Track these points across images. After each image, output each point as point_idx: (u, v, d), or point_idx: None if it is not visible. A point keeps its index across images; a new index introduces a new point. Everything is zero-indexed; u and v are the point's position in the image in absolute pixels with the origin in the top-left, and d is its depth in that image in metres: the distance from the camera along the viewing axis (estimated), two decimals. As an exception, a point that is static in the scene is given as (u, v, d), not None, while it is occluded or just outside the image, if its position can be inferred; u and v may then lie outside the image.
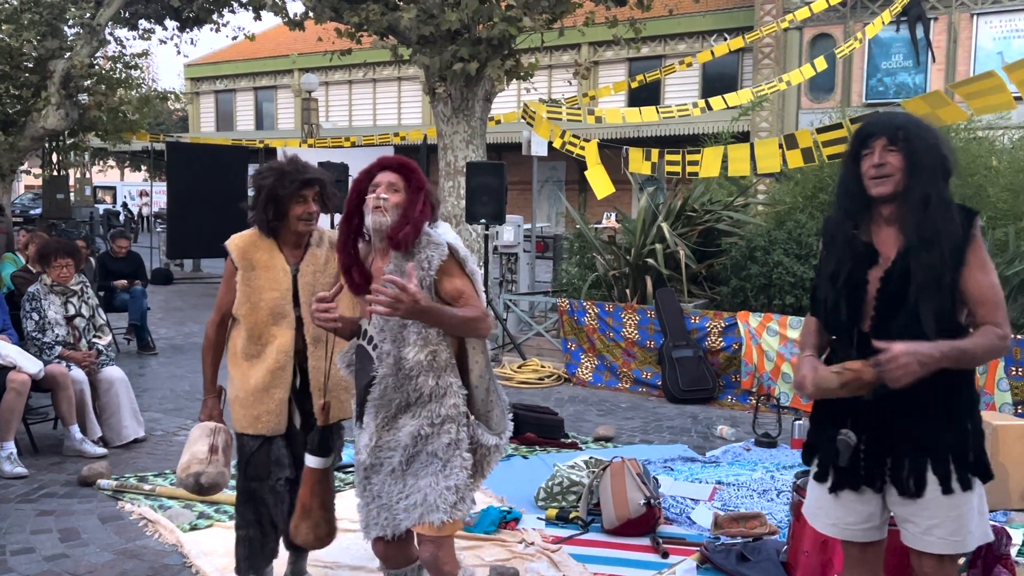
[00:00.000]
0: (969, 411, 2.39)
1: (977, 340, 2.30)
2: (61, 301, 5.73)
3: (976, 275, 2.31)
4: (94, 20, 15.30)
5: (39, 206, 23.07)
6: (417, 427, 2.59)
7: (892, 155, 2.33)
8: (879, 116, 2.44)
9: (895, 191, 2.34)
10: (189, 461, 3.05)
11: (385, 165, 2.67)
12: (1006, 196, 7.79)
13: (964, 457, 2.34)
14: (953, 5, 18.91)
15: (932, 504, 2.33)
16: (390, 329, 2.60)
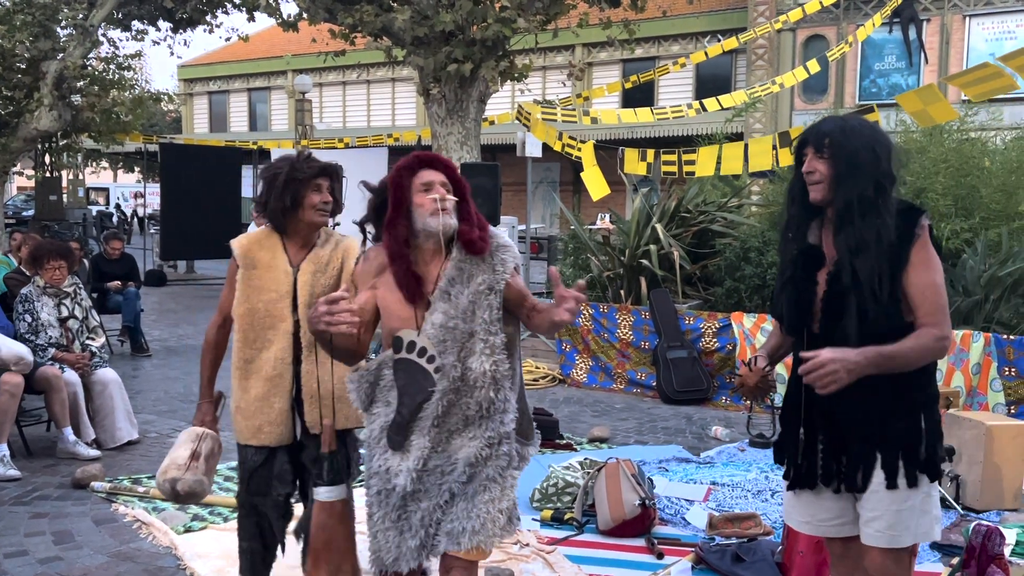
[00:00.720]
0: (924, 408, 2.39)
1: (909, 343, 2.29)
2: (54, 303, 5.71)
3: (916, 275, 2.30)
4: (87, 21, 15.27)
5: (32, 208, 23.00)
6: (476, 449, 2.38)
7: (820, 163, 2.37)
8: (815, 124, 2.46)
9: (824, 198, 2.37)
10: (167, 466, 2.94)
11: (427, 163, 2.46)
12: (999, 197, 7.81)
13: (914, 453, 2.35)
14: (945, 7, 18.98)
15: (874, 497, 2.36)
16: (454, 339, 2.37)
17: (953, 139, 8.33)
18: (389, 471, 2.44)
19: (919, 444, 2.36)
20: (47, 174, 18.96)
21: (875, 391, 2.33)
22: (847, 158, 2.33)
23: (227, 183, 16.13)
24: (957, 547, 3.90)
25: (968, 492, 4.70)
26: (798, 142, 2.45)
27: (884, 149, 2.36)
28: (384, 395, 2.47)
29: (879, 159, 2.34)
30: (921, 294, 2.30)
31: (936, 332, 2.30)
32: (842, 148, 2.34)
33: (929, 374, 2.43)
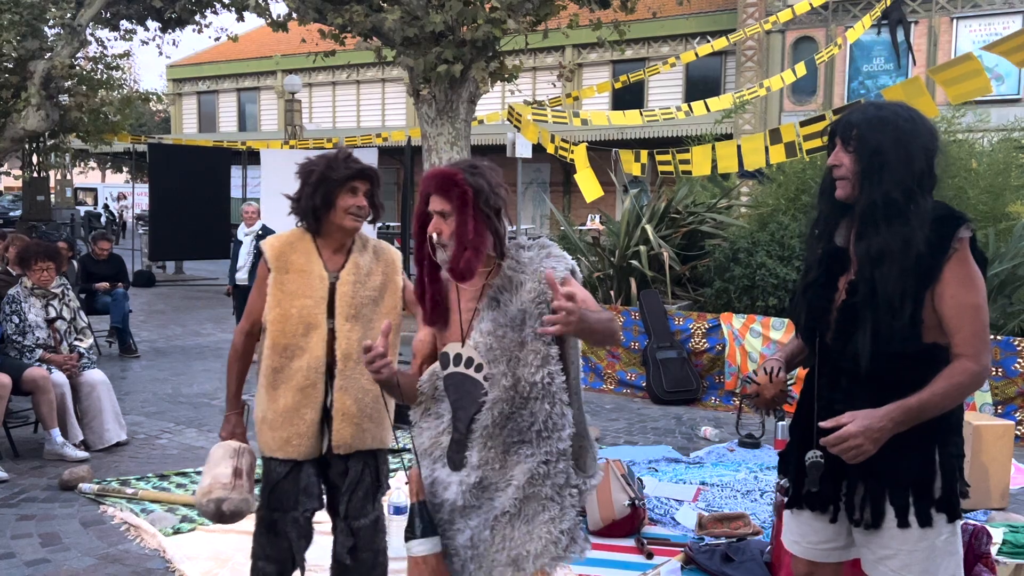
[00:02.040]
0: (939, 440, 2.13)
1: (940, 387, 2.04)
2: (42, 304, 5.69)
3: (952, 294, 2.03)
4: (75, 20, 15.18)
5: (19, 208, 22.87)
6: (534, 465, 2.25)
7: (847, 156, 2.13)
8: (848, 111, 2.21)
9: (848, 195, 2.14)
10: (211, 485, 2.77)
11: (429, 187, 2.29)
12: (986, 198, 7.86)
13: (927, 490, 2.11)
14: (933, 9, 19.09)
15: (886, 535, 2.14)
16: (504, 348, 2.26)
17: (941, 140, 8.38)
18: (436, 483, 2.35)
19: (933, 480, 2.11)
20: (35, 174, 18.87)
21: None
22: (871, 153, 2.08)
23: (216, 184, 16.08)
24: (944, 546, 3.92)
25: (955, 491, 4.72)
26: (829, 131, 2.21)
27: (920, 146, 2.08)
28: (434, 407, 2.40)
29: (911, 157, 2.07)
30: (959, 317, 2.03)
31: (972, 367, 2.03)
32: (867, 141, 2.09)
33: None
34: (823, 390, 2.23)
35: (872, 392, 2.11)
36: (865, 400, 2.11)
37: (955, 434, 2.17)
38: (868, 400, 2.11)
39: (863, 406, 2.10)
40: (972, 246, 2.08)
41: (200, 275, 17.89)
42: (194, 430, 6.17)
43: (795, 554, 2.39)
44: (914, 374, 2.07)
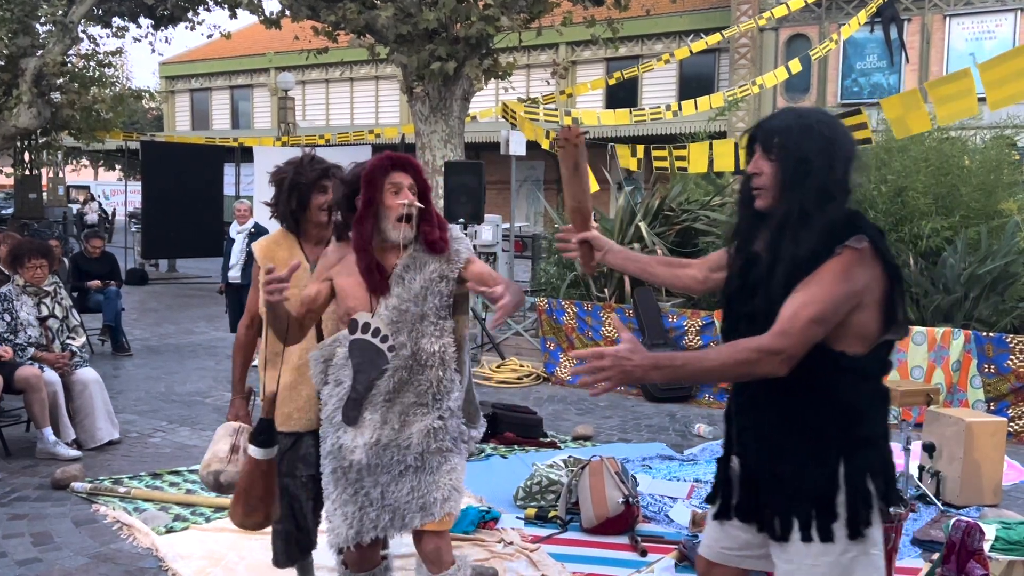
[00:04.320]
0: (844, 454, 2.04)
1: (717, 351, 1.99)
2: (34, 302, 5.66)
3: (801, 287, 1.97)
4: (67, 17, 15.12)
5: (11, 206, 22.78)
6: (429, 423, 2.58)
7: (768, 164, 2.05)
8: (768, 117, 2.13)
9: (767, 205, 2.07)
10: (210, 459, 3.05)
11: (399, 164, 2.62)
12: (978, 196, 7.88)
13: (828, 505, 2.03)
14: (926, 7, 19.13)
15: (791, 548, 2.07)
16: (406, 321, 2.57)
17: (933, 138, 8.40)
18: (343, 448, 2.62)
19: (835, 495, 2.03)
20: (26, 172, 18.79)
21: (785, 428, 2.07)
22: (796, 162, 2.01)
23: (209, 181, 16.02)
24: (937, 543, 3.94)
25: (948, 488, 4.74)
26: (748, 137, 2.13)
27: (842, 154, 2.03)
28: (336, 373, 2.65)
29: (832, 166, 2.01)
30: (790, 303, 1.96)
31: (762, 343, 1.94)
32: (791, 150, 2.02)
33: (856, 412, 2.06)
34: (735, 394, 2.22)
35: (773, 398, 2.06)
36: (767, 406, 2.09)
37: (867, 448, 2.07)
38: (770, 406, 2.08)
39: (765, 411, 2.09)
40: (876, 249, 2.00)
41: (193, 273, 17.84)
42: (187, 428, 6.16)
43: (700, 553, 2.36)
44: (814, 379, 2.01)
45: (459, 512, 2.63)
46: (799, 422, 2.05)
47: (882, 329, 2.04)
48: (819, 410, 2.04)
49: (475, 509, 4.31)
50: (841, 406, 2.04)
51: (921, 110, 6.22)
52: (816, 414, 2.04)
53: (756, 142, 2.09)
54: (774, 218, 2.04)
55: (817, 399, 2.03)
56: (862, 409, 2.07)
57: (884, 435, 2.13)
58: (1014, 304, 6.96)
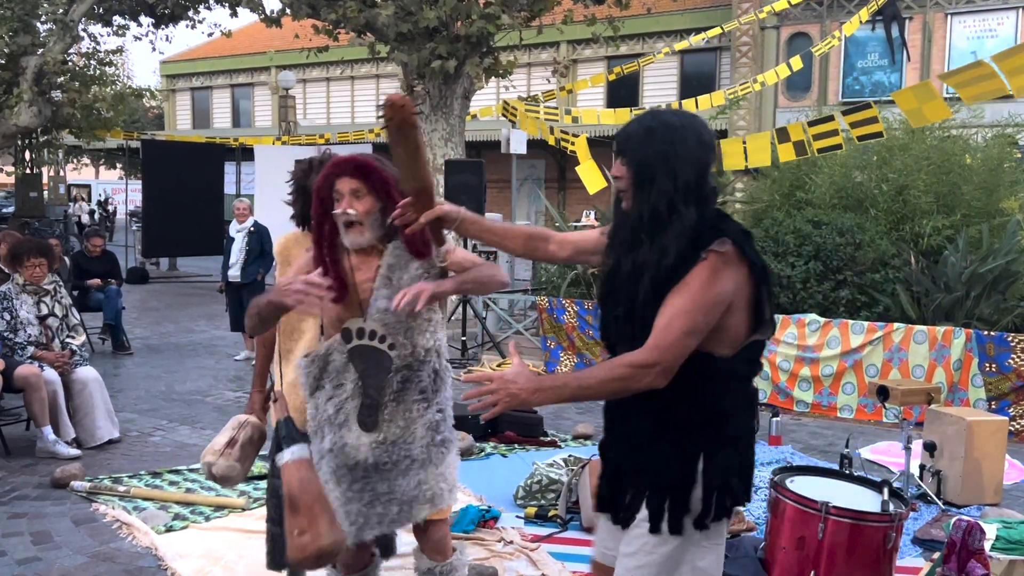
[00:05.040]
0: (706, 450, 2.06)
1: (596, 373, 2.02)
2: (34, 301, 5.66)
3: (672, 296, 1.97)
4: (67, 16, 15.12)
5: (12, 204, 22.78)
6: (432, 417, 2.61)
7: (624, 168, 2.07)
8: (630, 120, 2.13)
9: (630, 207, 2.07)
10: (207, 450, 3.08)
11: (341, 170, 2.51)
12: (980, 194, 7.87)
13: (683, 499, 2.06)
14: (928, 5, 19.10)
15: (633, 533, 2.11)
16: (400, 320, 2.54)
17: (935, 137, 8.39)
18: (347, 447, 2.58)
19: (691, 489, 2.05)
20: (27, 171, 18.79)
21: (652, 426, 2.09)
22: (638, 165, 2.03)
23: (210, 180, 16.02)
24: (938, 542, 3.93)
25: (949, 487, 4.73)
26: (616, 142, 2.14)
27: (688, 157, 2.01)
28: (335, 378, 2.60)
29: (677, 169, 2.00)
30: (663, 313, 1.96)
31: (636, 359, 1.96)
32: (639, 152, 2.03)
33: (722, 413, 2.08)
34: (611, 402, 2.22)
35: (641, 397, 2.04)
36: (635, 404, 2.07)
37: (731, 447, 2.09)
38: (638, 405, 2.07)
39: (638, 416, 2.10)
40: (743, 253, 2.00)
41: (193, 272, 17.84)
42: (187, 427, 6.15)
43: (593, 557, 2.35)
44: (682, 380, 2.00)
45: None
46: (670, 424, 2.07)
47: (750, 330, 2.05)
48: (686, 410, 2.05)
49: (475, 508, 4.30)
50: (708, 407, 2.06)
51: (937, 100, 6.21)
52: (683, 414, 2.05)
53: (615, 149, 2.11)
54: (630, 222, 2.06)
55: (684, 399, 2.04)
56: (728, 410, 2.08)
57: (748, 435, 2.16)
58: (1015, 303, 6.95)
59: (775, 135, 7.35)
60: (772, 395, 6.95)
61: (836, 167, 8.47)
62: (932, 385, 5.37)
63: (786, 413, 6.62)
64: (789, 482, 3.54)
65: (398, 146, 2.21)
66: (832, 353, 6.74)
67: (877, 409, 6.50)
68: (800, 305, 7.30)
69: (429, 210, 2.30)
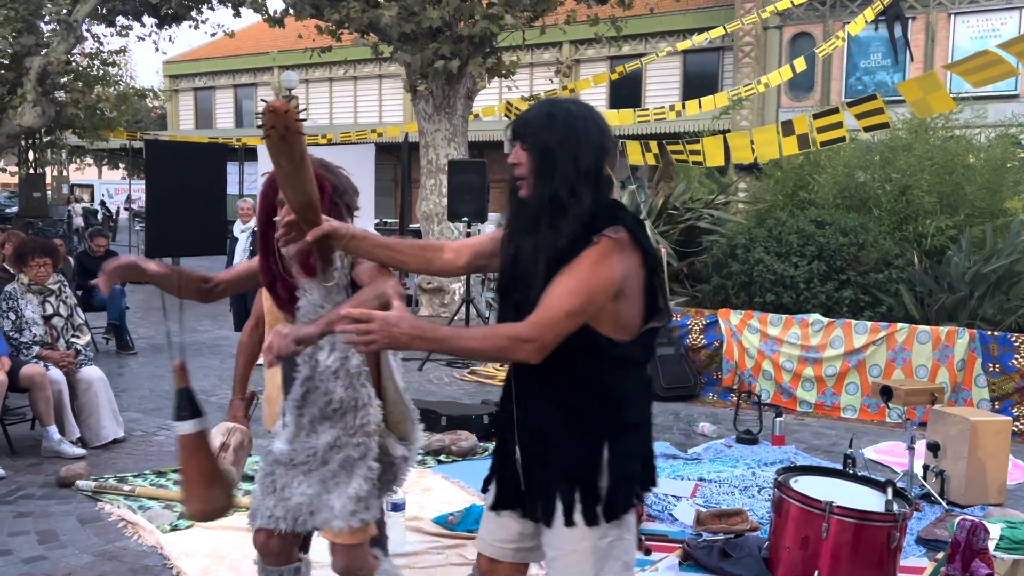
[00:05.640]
0: (610, 437, 2.07)
1: (475, 332, 2.01)
2: (38, 300, 5.67)
3: (563, 274, 1.96)
4: (71, 16, 15.15)
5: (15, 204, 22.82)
6: (334, 437, 2.57)
7: (524, 155, 2.04)
8: (528, 107, 2.11)
9: (530, 195, 2.04)
10: None
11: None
12: (983, 194, 7.87)
13: (592, 488, 2.05)
14: (931, 5, 19.08)
15: (555, 534, 2.08)
16: None
17: (938, 137, 8.38)
18: (275, 435, 2.71)
19: (598, 477, 2.05)
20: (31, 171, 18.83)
21: (553, 413, 2.07)
22: (542, 152, 2.01)
23: (213, 180, 15.99)
24: (942, 542, 3.93)
25: (952, 487, 4.73)
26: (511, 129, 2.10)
27: (590, 144, 2.02)
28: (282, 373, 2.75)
29: (580, 156, 2.00)
30: (550, 291, 1.96)
31: (516, 331, 1.96)
32: (539, 139, 2.02)
33: (621, 399, 2.09)
34: (512, 384, 2.18)
35: (543, 383, 2.06)
36: (538, 391, 2.08)
37: (631, 433, 2.11)
38: (540, 391, 2.08)
39: (537, 398, 2.08)
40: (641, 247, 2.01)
41: (197, 272, 17.84)
42: (191, 427, 6.16)
43: (479, 551, 2.30)
44: (582, 366, 2.03)
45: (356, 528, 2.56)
46: (567, 407, 2.06)
47: (645, 318, 2.06)
48: (586, 396, 2.05)
49: (479, 508, 4.31)
50: (607, 392, 2.06)
51: (942, 91, 6.22)
52: (583, 400, 2.05)
53: (513, 134, 2.08)
54: (533, 207, 2.03)
55: (584, 385, 2.04)
56: (627, 395, 2.09)
57: (647, 422, 2.19)
58: (1019, 303, 6.95)
59: (780, 128, 7.36)
60: (775, 395, 6.95)
61: (839, 167, 8.47)
62: (936, 385, 5.37)
63: (789, 413, 6.62)
64: (793, 482, 3.55)
65: (280, 157, 2.04)
66: (835, 353, 6.74)
67: (880, 409, 6.50)
68: (803, 305, 7.30)
69: (315, 227, 2.16)
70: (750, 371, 7.10)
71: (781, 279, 7.36)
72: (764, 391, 6.93)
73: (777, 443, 5.79)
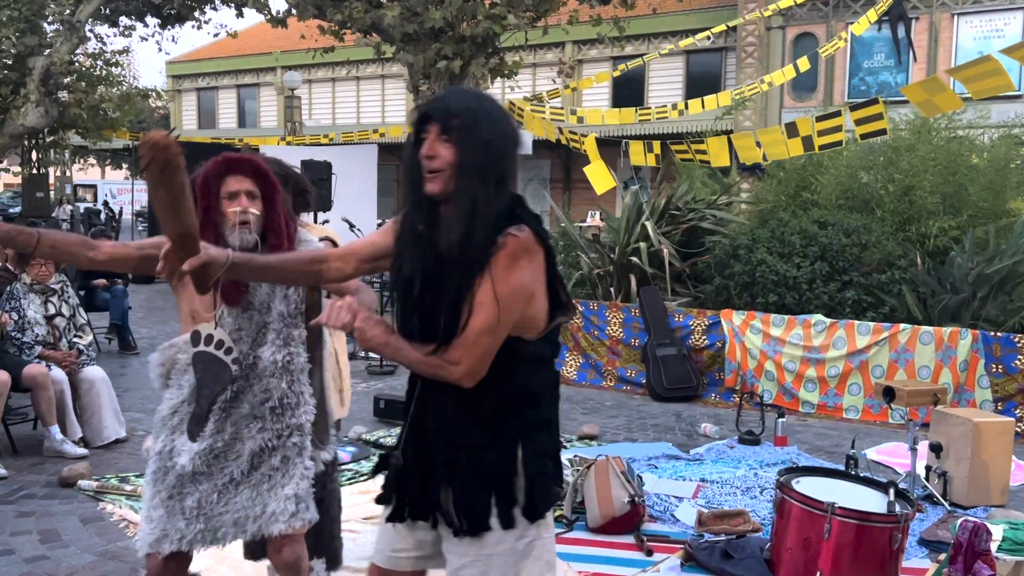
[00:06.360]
0: (524, 436, 2.03)
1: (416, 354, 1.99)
2: (41, 300, 5.68)
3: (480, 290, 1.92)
4: (74, 16, 15.17)
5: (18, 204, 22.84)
6: (263, 441, 2.49)
7: (444, 147, 1.94)
8: (441, 97, 2.02)
9: (444, 191, 1.95)
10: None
11: (235, 168, 2.44)
12: (986, 195, 7.85)
13: (508, 490, 2.01)
14: (934, 5, 19.06)
15: (466, 541, 2.02)
16: (248, 329, 2.49)
17: (941, 137, 8.37)
18: (173, 451, 2.52)
19: (514, 479, 2.01)
20: (34, 171, 18.85)
21: (465, 415, 2.03)
22: (480, 147, 1.93)
23: (216, 180, 16.06)
24: (944, 543, 3.93)
25: (955, 488, 4.72)
26: (419, 116, 1.99)
27: (512, 141, 1.99)
28: (177, 379, 2.57)
29: (508, 153, 1.98)
30: (465, 312, 1.93)
31: (447, 356, 1.95)
32: (475, 134, 1.93)
33: (533, 396, 2.06)
34: (418, 388, 2.12)
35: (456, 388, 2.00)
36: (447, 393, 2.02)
37: (544, 431, 2.08)
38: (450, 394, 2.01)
39: (445, 399, 2.03)
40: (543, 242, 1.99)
41: (200, 272, 17.86)
42: (193, 427, 6.16)
43: (372, 562, 2.23)
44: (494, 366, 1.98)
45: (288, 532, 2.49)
46: (479, 408, 2.02)
47: (551, 313, 2.04)
48: (499, 396, 2.01)
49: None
50: (520, 391, 2.03)
51: (948, 92, 6.23)
52: (496, 400, 2.01)
53: (431, 122, 1.96)
54: (453, 204, 1.95)
55: (497, 385, 2.00)
56: (538, 393, 2.07)
57: (556, 419, 2.16)
58: (1022, 304, 6.94)
59: (784, 130, 7.36)
60: (778, 396, 6.95)
61: (842, 167, 8.46)
62: (938, 386, 5.36)
63: (792, 414, 6.61)
64: (795, 483, 3.55)
65: (160, 188, 1.99)
66: (838, 354, 6.73)
67: (883, 410, 6.49)
68: (806, 306, 7.30)
69: (192, 257, 2.08)
70: (752, 372, 7.09)
71: (784, 280, 7.36)
72: (766, 392, 6.92)
73: (779, 444, 5.78)
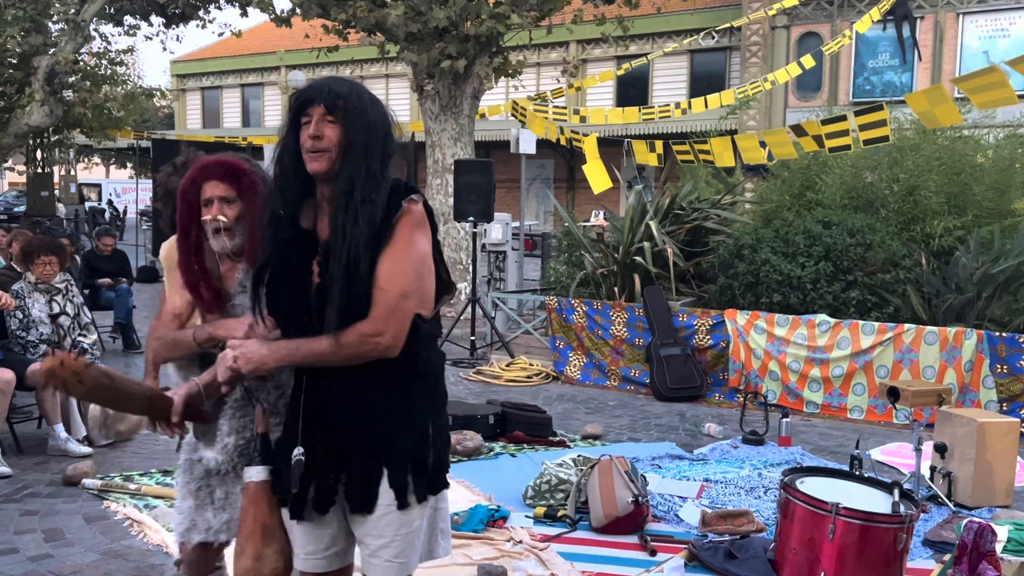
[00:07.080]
0: (432, 412, 2.12)
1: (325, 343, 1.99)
2: (45, 299, 5.69)
3: (387, 257, 2.00)
4: (79, 16, 15.20)
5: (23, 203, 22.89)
6: (281, 435, 2.43)
7: (330, 127, 2.03)
8: (321, 81, 2.11)
9: (330, 169, 2.03)
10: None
11: (208, 174, 2.43)
12: (991, 195, 7.83)
13: (423, 464, 2.08)
14: (939, 4, 19.01)
15: (383, 521, 2.06)
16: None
17: (946, 137, 8.35)
18: (199, 446, 2.57)
19: (427, 455, 2.09)
20: (38, 170, 18.89)
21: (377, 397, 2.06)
22: (365, 127, 2.04)
23: (220, 179, 16.08)
24: (949, 544, 3.92)
25: (960, 489, 4.71)
26: (300, 100, 2.06)
27: (391, 123, 2.12)
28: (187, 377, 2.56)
29: (388, 134, 2.09)
30: (377, 283, 1.99)
31: (365, 329, 1.98)
32: (360, 115, 2.04)
33: (435, 373, 2.15)
34: (305, 380, 2.12)
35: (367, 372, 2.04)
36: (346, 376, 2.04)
37: (443, 406, 2.20)
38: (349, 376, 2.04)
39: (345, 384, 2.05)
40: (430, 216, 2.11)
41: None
42: (197, 426, 6.17)
43: (299, 568, 2.21)
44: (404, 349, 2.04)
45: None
46: (391, 390, 2.07)
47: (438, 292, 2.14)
48: (407, 374, 2.08)
49: (484, 508, 4.31)
50: (423, 368, 2.11)
51: (949, 104, 6.23)
52: (405, 378, 2.08)
53: (313, 105, 2.04)
54: (338, 185, 2.03)
55: (404, 364, 2.06)
56: (437, 370, 2.17)
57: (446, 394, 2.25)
58: (1027, 304, 6.92)
59: (791, 132, 7.36)
60: (782, 396, 6.94)
61: (846, 167, 8.44)
62: (943, 386, 5.34)
63: (796, 414, 6.60)
64: (799, 483, 3.54)
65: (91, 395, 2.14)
66: (842, 354, 6.72)
67: (887, 410, 6.48)
68: (810, 306, 7.28)
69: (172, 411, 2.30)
70: (756, 372, 7.08)
71: (788, 279, 7.34)
72: (770, 392, 6.91)
73: (783, 444, 5.78)
